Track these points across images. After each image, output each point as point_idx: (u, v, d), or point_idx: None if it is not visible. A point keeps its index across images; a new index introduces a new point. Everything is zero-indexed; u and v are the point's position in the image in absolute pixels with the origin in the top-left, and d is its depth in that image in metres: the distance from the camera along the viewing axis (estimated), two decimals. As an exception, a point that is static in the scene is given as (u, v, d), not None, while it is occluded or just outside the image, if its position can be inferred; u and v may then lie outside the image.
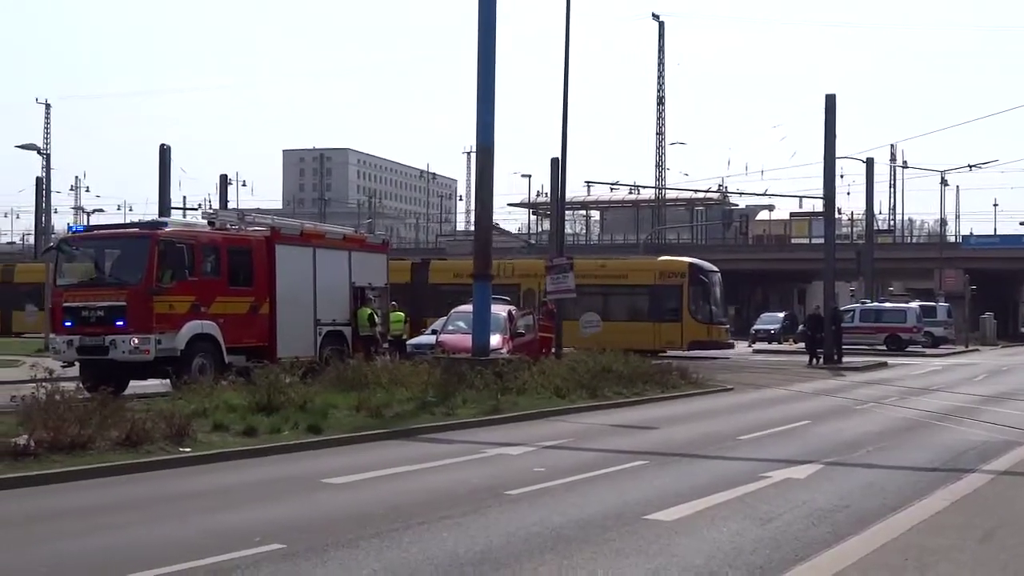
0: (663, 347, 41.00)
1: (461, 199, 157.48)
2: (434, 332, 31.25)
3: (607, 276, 43.65)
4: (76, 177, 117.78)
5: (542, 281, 32.23)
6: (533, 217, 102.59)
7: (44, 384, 14.38)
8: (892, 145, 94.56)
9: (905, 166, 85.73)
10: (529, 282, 41.45)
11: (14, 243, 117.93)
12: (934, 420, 20.80)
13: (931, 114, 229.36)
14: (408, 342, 30.96)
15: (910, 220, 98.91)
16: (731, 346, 44.74)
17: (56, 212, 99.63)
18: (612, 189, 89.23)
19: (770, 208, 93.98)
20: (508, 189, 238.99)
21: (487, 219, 25.10)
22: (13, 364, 30.05)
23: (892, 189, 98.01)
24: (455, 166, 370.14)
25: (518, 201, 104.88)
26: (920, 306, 56.49)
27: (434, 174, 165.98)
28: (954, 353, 52.36)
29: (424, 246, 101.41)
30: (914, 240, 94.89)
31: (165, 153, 49.40)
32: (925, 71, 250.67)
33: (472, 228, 38.03)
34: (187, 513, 10.76)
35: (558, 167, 33.43)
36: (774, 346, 54.20)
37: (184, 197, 76.58)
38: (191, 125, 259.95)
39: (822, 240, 44.98)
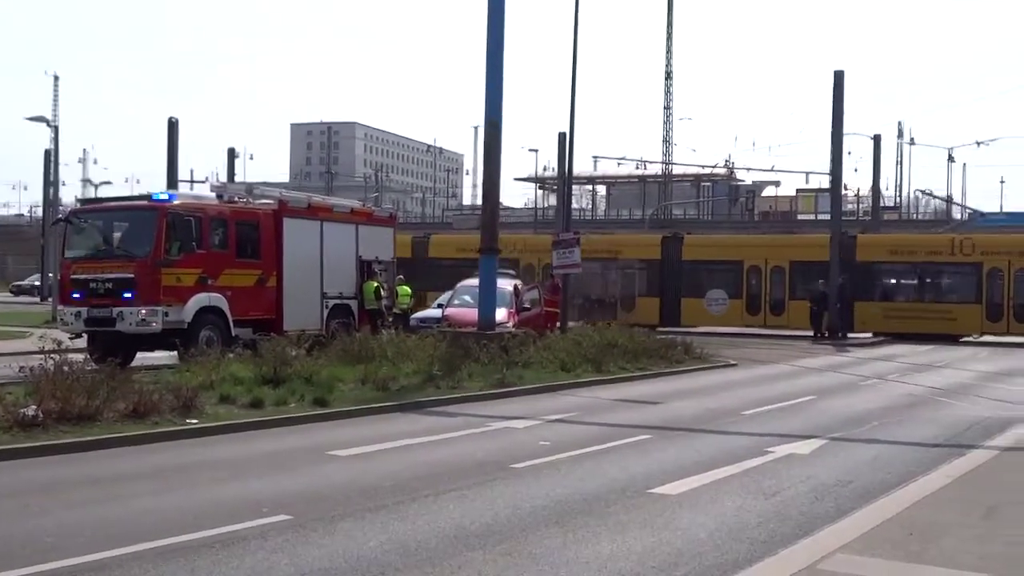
0: None
1: (468, 173, 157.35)
2: (440, 306, 31.23)
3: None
4: (84, 149, 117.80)
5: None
6: (540, 192, 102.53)
7: (52, 355, 14.42)
8: (900, 122, 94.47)
9: (912, 143, 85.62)
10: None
11: (22, 215, 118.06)
12: (938, 396, 20.80)
13: (940, 91, 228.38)
14: (414, 316, 30.97)
15: (916, 196, 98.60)
16: None
17: (64, 184, 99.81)
18: (619, 164, 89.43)
19: (776, 184, 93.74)
20: (515, 163, 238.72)
21: (494, 193, 25.07)
22: (21, 335, 30.16)
23: (899, 166, 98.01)
24: (462, 140, 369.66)
25: (525, 176, 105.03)
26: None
27: (441, 148, 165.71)
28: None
29: (430, 220, 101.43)
30: (920, 217, 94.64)
31: (173, 126, 49.32)
32: (935, 47, 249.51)
33: (479, 203, 37.97)
34: (194, 484, 10.81)
35: (565, 142, 33.44)
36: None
37: (192, 170, 76.64)
38: (199, 99, 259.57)
39: (828, 216, 44.85)
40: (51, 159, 55.26)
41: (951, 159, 75.81)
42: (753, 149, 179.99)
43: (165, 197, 23.48)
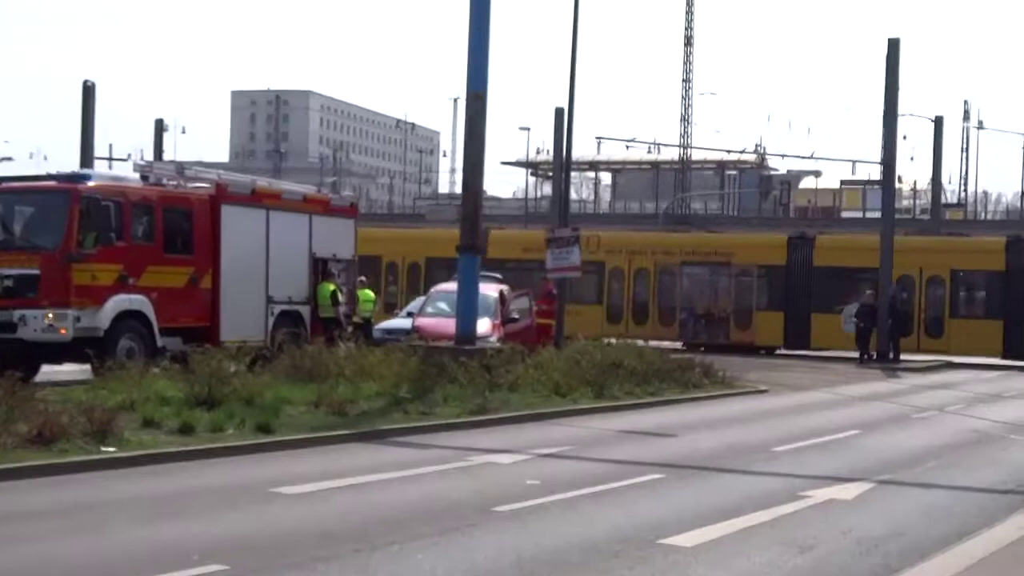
0: None
1: (445, 155, 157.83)
2: (410, 315, 31.25)
3: None
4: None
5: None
6: (532, 179, 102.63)
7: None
8: (966, 102, 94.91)
9: (981, 127, 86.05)
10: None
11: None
12: (1007, 433, 20.88)
13: (1014, 66, 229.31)
14: (378, 326, 30.99)
15: (985, 192, 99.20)
16: None
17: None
18: (627, 147, 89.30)
19: (817, 174, 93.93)
20: (502, 144, 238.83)
21: (477, 180, 25.09)
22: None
23: (964, 154, 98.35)
24: (439, 115, 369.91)
25: (514, 159, 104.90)
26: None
27: (413, 124, 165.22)
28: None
29: (399, 211, 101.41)
30: (990, 216, 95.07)
31: (89, 91, 49.26)
32: (1007, 13, 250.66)
33: (457, 190, 37.98)
34: (110, 525, 10.79)
35: (563, 119, 33.50)
36: None
37: (111, 145, 76.37)
38: (120, 59, 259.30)
39: (879, 214, 44.98)
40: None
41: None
42: (789, 131, 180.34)
43: (79, 178, 23.41)
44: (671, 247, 44.17)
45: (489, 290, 28.48)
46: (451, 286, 27.66)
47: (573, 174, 74.20)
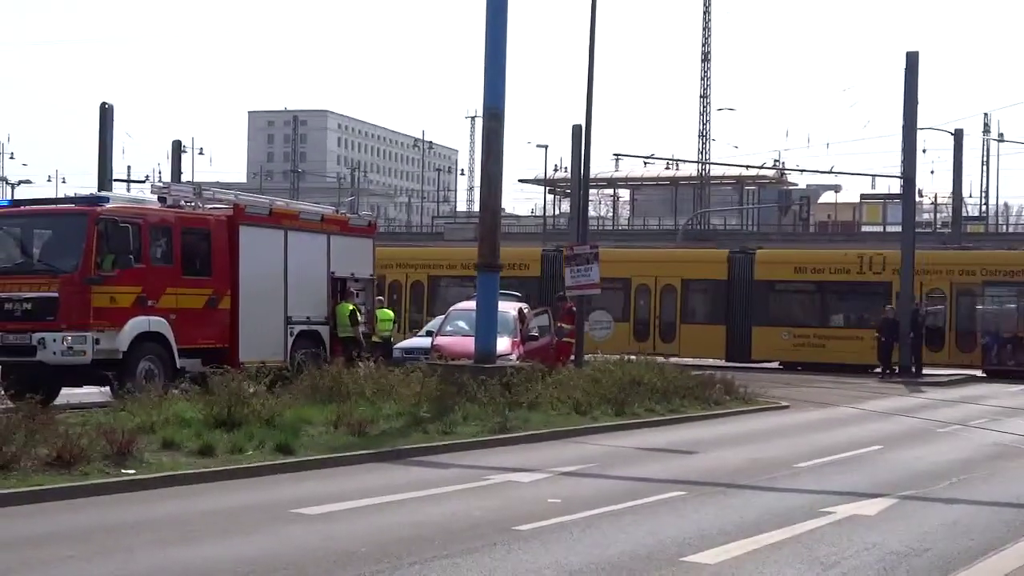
0: None
1: (463, 173, 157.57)
2: (429, 334, 31.30)
3: None
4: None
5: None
6: (550, 196, 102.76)
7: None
8: (986, 114, 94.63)
9: (1001, 140, 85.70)
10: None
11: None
12: (1032, 447, 20.80)
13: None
14: (397, 346, 31.04)
15: (1006, 204, 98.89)
16: None
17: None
18: (645, 164, 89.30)
19: (836, 189, 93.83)
20: (520, 162, 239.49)
21: (495, 198, 25.14)
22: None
23: (985, 167, 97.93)
24: (456, 134, 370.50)
25: (532, 177, 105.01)
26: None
27: (430, 143, 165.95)
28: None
29: (418, 230, 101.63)
30: (1011, 229, 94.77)
31: (106, 113, 49.50)
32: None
33: (476, 208, 38.05)
34: (131, 548, 10.80)
35: (581, 136, 33.48)
36: None
37: (128, 167, 76.83)
38: (138, 81, 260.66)
39: (899, 228, 44.92)
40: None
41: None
42: (808, 146, 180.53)
43: (96, 200, 23.51)
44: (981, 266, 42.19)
45: (508, 308, 28.50)
46: (470, 304, 27.69)
47: (591, 191, 74.31)
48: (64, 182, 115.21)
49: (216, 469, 15.13)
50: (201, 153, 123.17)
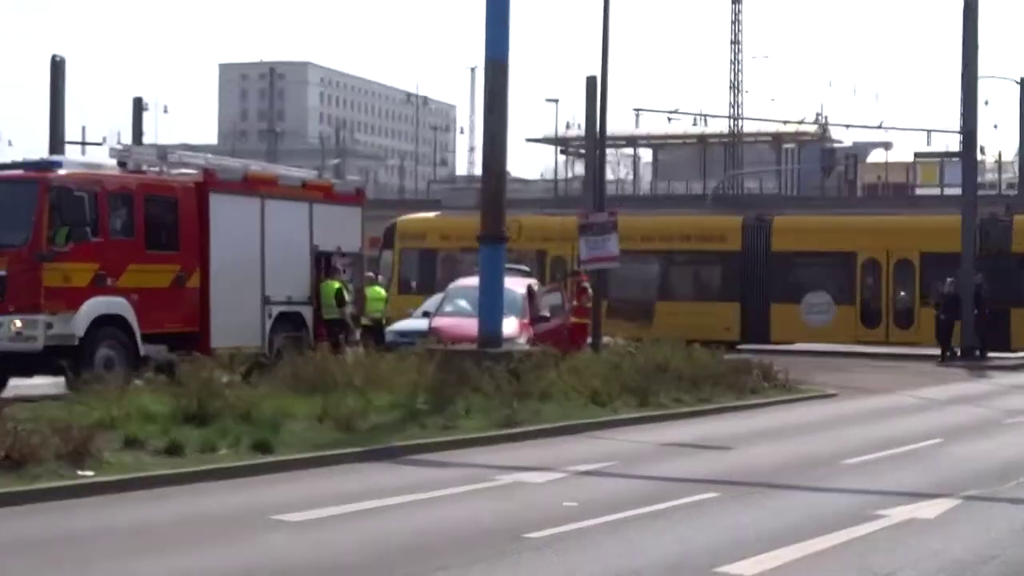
0: None
1: (462, 132, 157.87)
2: (426, 315, 31.29)
3: None
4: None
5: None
6: (561, 157, 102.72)
7: None
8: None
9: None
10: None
11: None
12: (1113, 439, 20.77)
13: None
14: (390, 328, 31.03)
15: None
16: None
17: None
18: (670, 120, 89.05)
19: (886, 146, 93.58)
20: (528, 119, 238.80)
21: (499, 159, 25.08)
22: None
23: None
24: (455, 88, 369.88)
25: (541, 136, 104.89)
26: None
27: (425, 98, 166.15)
28: None
29: (411, 197, 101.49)
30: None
31: (58, 68, 49.39)
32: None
33: (477, 172, 37.96)
34: (87, 559, 10.81)
35: (596, 88, 33.39)
36: None
37: (84, 127, 76.69)
38: (93, 32, 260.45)
39: (958, 190, 44.79)
40: None
41: None
42: (853, 98, 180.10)
43: (48, 165, 23.46)
44: None
45: (516, 285, 28.47)
46: (472, 281, 27.66)
47: (609, 151, 74.31)
48: (11, 146, 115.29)
49: (185, 470, 15.11)
50: (166, 112, 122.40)
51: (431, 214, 53.99)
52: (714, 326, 39.50)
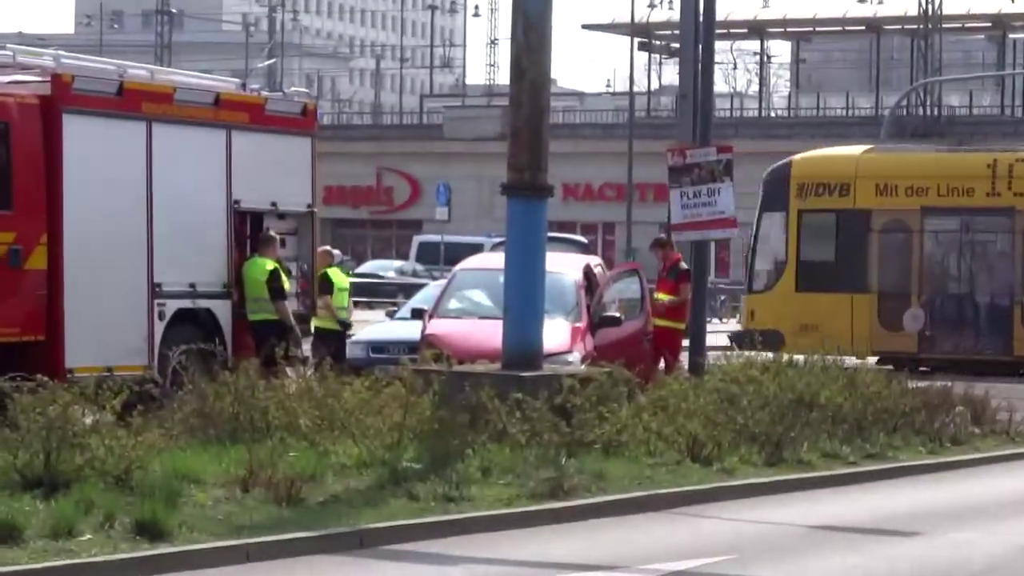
0: None
1: (477, 14, 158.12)
2: (415, 315, 31.29)
3: None
4: None
5: None
6: (641, 56, 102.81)
7: None
8: None
9: None
10: None
11: None
12: None
13: None
14: (356, 337, 31.15)
15: None
16: None
17: None
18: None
19: None
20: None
21: (539, 60, 25.08)
22: None
23: None
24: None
25: (608, 21, 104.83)
26: None
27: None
28: None
29: (395, 120, 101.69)
30: None
31: None
32: None
33: (502, 82, 38.01)
34: None
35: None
36: None
37: None
38: None
39: None
40: None
41: None
42: None
43: None
44: None
45: (565, 267, 28.51)
46: (490, 261, 27.68)
47: (723, 44, 74.13)
48: None
49: (26, 568, 15.15)
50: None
51: (854, 149, 51.14)
52: None
